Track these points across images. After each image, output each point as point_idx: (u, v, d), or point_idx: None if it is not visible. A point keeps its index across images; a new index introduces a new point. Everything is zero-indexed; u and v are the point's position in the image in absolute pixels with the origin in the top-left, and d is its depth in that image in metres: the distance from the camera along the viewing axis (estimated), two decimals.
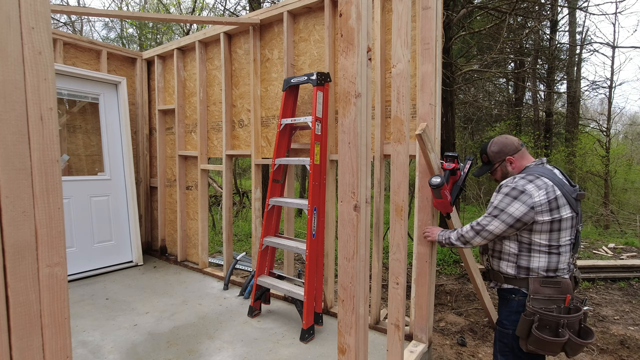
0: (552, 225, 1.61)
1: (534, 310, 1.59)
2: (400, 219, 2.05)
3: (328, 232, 3.08)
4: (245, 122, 3.83)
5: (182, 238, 4.55)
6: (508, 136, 1.91)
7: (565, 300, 1.58)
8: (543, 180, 1.63)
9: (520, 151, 1.85)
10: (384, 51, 2.77)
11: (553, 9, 8.81)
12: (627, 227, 8.98)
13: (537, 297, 1.61)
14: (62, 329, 0.90)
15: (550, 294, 1.60)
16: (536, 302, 1.61)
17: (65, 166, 4.37)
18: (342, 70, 1.31)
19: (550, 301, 1.60)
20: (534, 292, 1.62)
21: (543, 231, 1.62)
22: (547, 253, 1.64)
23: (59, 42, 4.04)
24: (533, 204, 1.59)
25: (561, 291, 1.60)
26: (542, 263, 1.64)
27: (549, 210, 1.59)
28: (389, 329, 2.08)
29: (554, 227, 1.61)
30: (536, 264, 1.65)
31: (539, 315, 1.58)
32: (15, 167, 0.81)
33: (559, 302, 1.59)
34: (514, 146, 1.85)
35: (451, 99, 5.72)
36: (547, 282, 1.62)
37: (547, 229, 1.62)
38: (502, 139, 1.90)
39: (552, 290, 1.61)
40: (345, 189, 1.34)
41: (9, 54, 0.80)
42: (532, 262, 1.66)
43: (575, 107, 12.07)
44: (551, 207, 1.59)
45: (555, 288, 1.61)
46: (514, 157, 1.84)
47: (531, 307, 1.60)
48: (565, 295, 1.59)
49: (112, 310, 3.21)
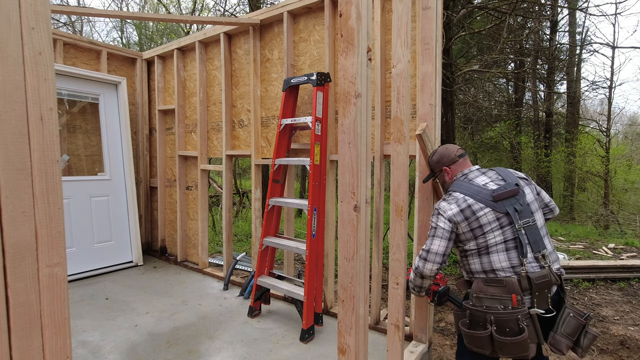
0: (474, 232, 1.69)
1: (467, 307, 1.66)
2: (400, 219, 2.05)
3: (328, 232, 3.08)
4: (245, 122, 3.83)
5: (182, 238, 4.55)
6: (449, 146, 1.99)
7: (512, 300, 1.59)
8: (453, 195, 1.77)
9: (457, 162, 1.93)
10: (384, 51, 2.77)
11: (553, 9, 8.81)
12: (627, 227, 8.98)
13: (479, 295, 1.66)
14: (62, 329, 0.90)
15: (493, 292, 1.63)
16: (478, 301, 1.66)
17: (65, 166, 4.37)
18: (342, 70, 1.31)
19: (494, 300, 1.62)
20: (477, 291, 1.68)
21: (468, 239, 1.72)
22: (478, 255, 1.71)
23: (59, 42, 4.04)
24: (449, 216, 1.72)
25: (506, 290, 1.61)
26: (477, 266, 1.72)
27: (465, 218, 1.70)
28: (389, 329, 2.08)
29: (476, 233, 1.69)
30: (474, 267, 1.74)
31: (469, 311, 1.65)
32: (15, 167, 0.81)
33: (505, 302, 1.60)
34: (451, 157, 1.94)
35: (451, 99, 5.72)
36: (490, 281, 1.66)
37: (471, 236, 1.71)
38: (442, 149, 2.00)
39: (495, 290, 1.63)
40: (345, 189, 1.34)
41: (9, 54, 0.80)
42: (470, 265, 1.75)
43: (575, 107, 12.08)
44: (466, 216, 1.69)
45: (498, 287, 1.63)
46: (450, 168, 1.94)
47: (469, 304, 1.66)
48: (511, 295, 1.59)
49: (112, 311, 3.21)
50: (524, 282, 1.61)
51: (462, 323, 1.67)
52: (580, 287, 4.40)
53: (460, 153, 1.94)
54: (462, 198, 1.73)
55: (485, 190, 1.72)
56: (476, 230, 1.69)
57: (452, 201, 1.76)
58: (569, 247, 6.22)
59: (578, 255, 5.59)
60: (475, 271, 1.73)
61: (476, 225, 1.69)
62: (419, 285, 1.87)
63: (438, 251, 1.73)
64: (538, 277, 1.61)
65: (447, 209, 1.74)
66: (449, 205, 1.75)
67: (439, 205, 1.80)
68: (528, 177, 1.85)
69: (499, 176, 1.78)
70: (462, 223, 1.70)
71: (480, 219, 1.68)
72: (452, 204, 1.74)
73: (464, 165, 1.93)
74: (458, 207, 1.72)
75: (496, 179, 1.76)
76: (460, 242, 1.77)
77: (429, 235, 1.79)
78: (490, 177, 1.78)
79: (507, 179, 1.75)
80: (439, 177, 2.04)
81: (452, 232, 1.73)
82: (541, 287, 1.61)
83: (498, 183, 1.74)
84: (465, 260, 1.78)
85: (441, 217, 1.75)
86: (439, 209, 1.79)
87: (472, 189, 1.75)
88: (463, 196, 1.74)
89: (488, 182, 1.76)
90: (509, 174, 1.79)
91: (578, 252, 5.85)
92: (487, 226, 1.68)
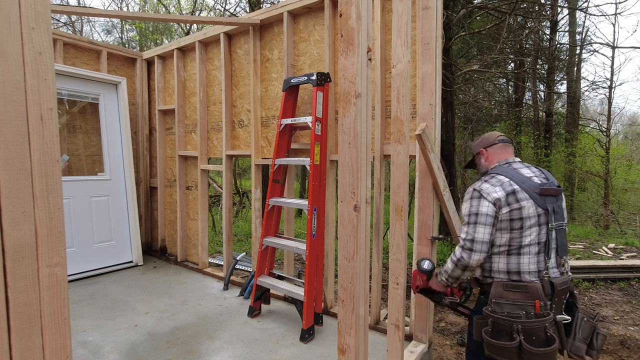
0: (512, 223, 1.58)
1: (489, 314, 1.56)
2: (400, 219, 2.05)
3: (328, 232, 3.08)
4: (245, 122, 3.83)
5: (182, 238, 4.55)
6: (493, 132, 1.91)
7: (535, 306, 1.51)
8: (497, 178, 1.65)
9: (496, 145, 1.82)
10: (384, 51, 2.77)
11: (553, 9, 8.81)
12: (627, 227, 8.98)
13: (500, 301, 1.57)
14: (62, 329, 0.90)
15: (515, 298, 1.54)
16: (498, 307, 1.56)
17: (65, 166, 4.37)
18: (342, 70, 1.31)
19: (516, 306, 1.53)
20: (496, 297, 1.58)
21: (503, 229, 1.60)
22: (507, 254, 1.61)
23: (59, 42, 4.04)
24: (494, 199, 1.59)
25: (530, 296, 1.53)
26: (501, 265, 1.62)
27: (507, 204, 1.58)
28: (389, 329, 2.08)
29: (514, 225, 1.58)
30: (496, 266, 1.63)
31: (492, 319, 1.54)
32: (15, 167, 0.81)
33: (527, 308, 1.52)
34: (490, 140, 1.85)
35: (451, 99, 5.72)
36: (512, 287, 1.56)
37: (507, 226, 1.59)
38: (486, 134, 1.92)
39: (517, 295, 1.54)
40: (345, 189, 1.34)
41: (9, 54, 0.80)
42: (493, 263, 1.64)
43: (575, 108, 12.08)
44: (509, 202, 1.58)
45: (521, 293, 1.54)
46: (487, 150, 1.84)
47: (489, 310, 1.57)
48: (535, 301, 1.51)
49: (112, 311, 3.21)
50: (547, 287, 1.55)
51: (485, 332, 1.55)
52: (580, 287, 4.40)
53: (502, 138, 1.83)
54: (507, 182, 1.61)
55: (532, 182, 1.62)
56: (515, 222, 1.58)
57: (496, 183, 1.63)
58: (569, 247, 6.22)
59: (578, 255, 5.59)
60: (497, 270, 1.62)
61: (517, 216, 1.57)
62: (457, 277, 1.70)
63: (484, 239, 1.58)
64: (561, 283, 1.55)
65: (492, 191, 1.61)
66: (494, 188, 1.61)
67: (481, 187, 1.65)
68: None
69: (542, 174, 1.70)
70: (504, 209, 1.58)
71: (523, 210, 1.57)
72: (497, 186, 1.61)
73: (505, 152, 1.81)
74: (504, 191, 1.59)
75: (539, 175, 1.67)
76: None
77: (469, 222, 1.63)
78: (534, 172, 1.68)
79: (550, 178, 1.68)
80: (476, 160, 1.93)
81: (495, 218, 1.59)
82: (561, 293, 1.56)
83: (542, 179, 1.66)
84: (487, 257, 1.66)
85: (484, 200, 1.60)
86: (480, 190, 1.64)
87: (518, 177, 1.63)
88: (509, 180, 1.61)
89: (532, 175, 1.66)
90: (550, 174, 1.72)
91: (578, 252, 5.85)
92: (527, 220, 1.57)
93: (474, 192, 1.66)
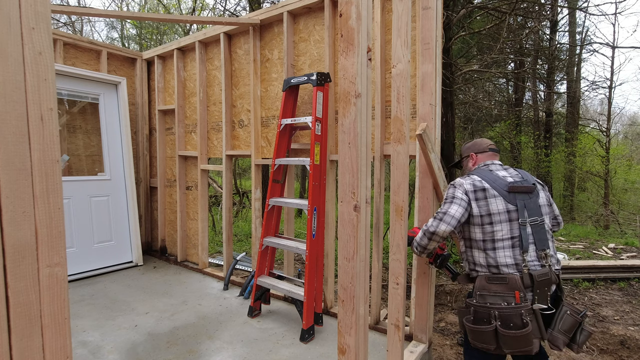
0: (483, 219, 1.73)
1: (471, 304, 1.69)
2: (400, 219, 2.05)
3: (328, 232, 3.08)
4: (245, 122, 3.83)
5: (182, 238, 4.55)
6: (485, 140, 2.06)
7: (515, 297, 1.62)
8: (471, 177, 1.83)
9: (486, 153, 1.98)
10: (384, 51, 2.77)
11: (553, 9, 8.81)
12: (627, 227, 8.98)
13: (482, 293, 1.69)
14: (62, 329, 0.90)
15: (497, 290, 1.67)
16: (482, 298, 1.69)
17: (65, 166, 4.37)
18: (342, 70, 1.31)
19: (497, 297, 1.66)
20: (480, 288, 1.71)
21: (476, 224, 1.75)
22: (484, 249, 1.74)
23: (59, 42, 4.04)
24: (465, 190, 1.77)
25: (509, 287, 1.64)
26: (482, 260, 1.75)
27: (476, 199, 1.74)
28: (389, 329, 2.08)
29: (484, 221, 1.73)
30: (478, 260, 1.76)
31: (473, 308, 1.68)
32: (15, 167, 0.81)
33: (508, 299, 1.63)
34: (482, 147, 2.01)
35: (451, 99, 5.72)
36: (493, 279, 1.69)
37: (479, 222, 1.74)
38: (478, 139, 2.08)
39: (498, 287, 1.67)
40: (345, 189, 1.34)
41: (9, 54, 0.80)
42: (475, 257, 1.78)
43: (575, 107, 12.08)
44: (477, 197, 1.74)
45: (501, 284, 1.66)
46: (477, 156, 2.00)
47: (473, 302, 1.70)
48: (514, 292, 1.63)
49: (112, 311, 3.21)
50: (527, 279, 1.65)
51: (466, 319, 1.69)
52: (580, 287, 4.40)
53: (493, 148, 2.00)
54: (478, 180, 1.79)
55: (502, 181, 1.77)
56: (485, 218, 1.73)
57: (468, 180, 1.81)
58: (569, 247, 6.22)
59: (578, 255, 5.59)
60: (479, 264, 1.75)
61: (485, 212, 1.73)
62: (424, 246, 1.88)
63: (455, 215, 1.74)
64: (539, 275, 1.65)
65: (463, 183, 1.80)
66: (465, 181, 1.81)
67: (455, 180, 1.86)
68: (544, 184, 1.91)
69: (519, 174, 1.83)
70: (473, 202, 1.75)
71: (491, 205, 1.72)
72: (468, 181, 1.81)
73: (491, 159, 1.97)
74: (473, 186, 1.77)
75: (515, 175, 1.82)
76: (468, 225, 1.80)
77: (445, 202, 1.81)
78: (510, 173, 1.83)
79: (526, 177, 1.81)
80: (464, 162, 2.08)
81: (468, 204, 1.76)
82: (542, 284, 1.65)
83: (516, 179, 1.79)
84: (469, 252, 1.82)
85: (457, 189, 1.80)
86: (454, 183, 1.85)
87: (491, 176, 1.80)
88: (480, 179, 1.79)
89: (507, 176, 1.81)
90: (528, 175, 1.85)
91: (578, 252, 5.85)
92: (496, 216, 1.71)
93: (450, 185, 1.88)
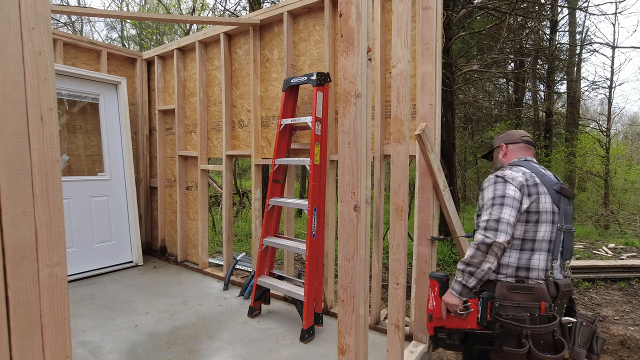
0: (529, 215, 1.54)
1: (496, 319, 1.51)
2: (400, 219, 2.05)
3: (328, 232, 3.08)
4: (245, 122, 3.83)
5: (182, 238, 4.55)
6: (519, 130, 1.88)
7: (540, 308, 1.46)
8: (520, 169, 1.63)
9: (518, 144, 1.80)
10: (384, 51, 2.77)
11: (553, 9, 8.81)
12: (627, 227, 8.98)
13: (504, 303, 1.51)
14: (62, 329, 0.90)
15: (520, 300, 1.49)
16: (503, 309, 1.51)
17: (65, 166, 4.37)
18: (342, 70, 1.31)
19: (521, 308, 1.48)
20: (501, 299, 1.52)
21: (520, 220, 1.55)
22: (520, 249, 1.55)
23: (59, 42, 4.04)
24: (519, 184, 1.55)
25: (535, 298, 1.48)
26: (512, 260, 1.55)
27: (528, 195, 1.54)
28: (389, 329, 2.08)
29: (530, 218, 1.54)
30: (506, 260, 1.56)
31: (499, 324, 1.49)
32: (15, 167, 0.81)
33: (532, 310, 1.47)
34: (514, 138, 1.83)
35: (451, 99, 5.72)
36: (517, 288, 1.51)
37: (524, 218, 1.55)
38: (513, 130, 1.93)
39: (522, 297, 1.50)
40: (345, 189, 1.34)
41: (9, 54, 0.80)
42: (503, 258, 1.56)
43: (575, 107, 12.07)
44: (530, 192, 1.54)
45: (526, 294, 1.49)
46: (508, 147, 1.83)
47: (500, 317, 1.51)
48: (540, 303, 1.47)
49: (112, 311, 3.21)
50: (552, 289, 1.52)
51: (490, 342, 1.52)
52: (580, 287, 4.40)
53: (526, 139, 1.81)
54: (529, 173, 1.58)
55: (551, 179, 1.60)
56: (532, 215, 1.53)
57: (519, 171, 1.59)
58: None
59: (578, 255, 5.59)
60: (506, 265, 1.56)
61: (535, 209, 1.53)
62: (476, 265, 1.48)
63: (510, 221, 1.46)
64: (564, 285, 1.52)
65: (516, 176, 1.56)
66: (516, 174, 1.57)
67: (504, 174, 1.59)
68: None
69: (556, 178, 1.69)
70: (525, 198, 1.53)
71: (541, 203, 1.53)
72: (519, 173, 1.58)
73: (525, 152, 1.79)
74: (524, 179, 1.56)
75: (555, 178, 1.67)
76: None
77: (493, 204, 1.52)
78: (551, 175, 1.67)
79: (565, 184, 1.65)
80: (494, 153, 1.91)
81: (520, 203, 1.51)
82: (565, 295, 1.54)
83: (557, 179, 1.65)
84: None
85: (509, 184, 1.54)
86: (504, 176, 1.58)
87: (538, 171, 1.62)
88: (530, 172, 1.59)
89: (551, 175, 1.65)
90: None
91: (578, 252, 5.85)
92: (544, 215, 1.53)
93: (497, 178, 1.60)
